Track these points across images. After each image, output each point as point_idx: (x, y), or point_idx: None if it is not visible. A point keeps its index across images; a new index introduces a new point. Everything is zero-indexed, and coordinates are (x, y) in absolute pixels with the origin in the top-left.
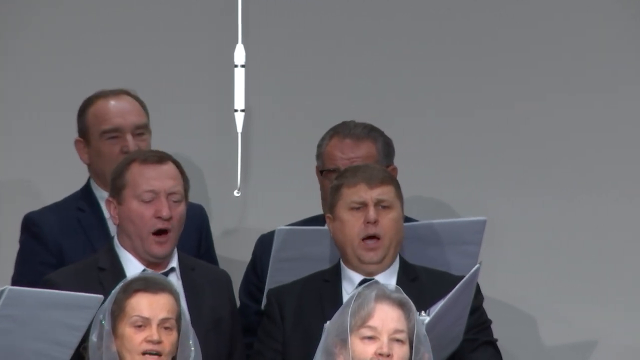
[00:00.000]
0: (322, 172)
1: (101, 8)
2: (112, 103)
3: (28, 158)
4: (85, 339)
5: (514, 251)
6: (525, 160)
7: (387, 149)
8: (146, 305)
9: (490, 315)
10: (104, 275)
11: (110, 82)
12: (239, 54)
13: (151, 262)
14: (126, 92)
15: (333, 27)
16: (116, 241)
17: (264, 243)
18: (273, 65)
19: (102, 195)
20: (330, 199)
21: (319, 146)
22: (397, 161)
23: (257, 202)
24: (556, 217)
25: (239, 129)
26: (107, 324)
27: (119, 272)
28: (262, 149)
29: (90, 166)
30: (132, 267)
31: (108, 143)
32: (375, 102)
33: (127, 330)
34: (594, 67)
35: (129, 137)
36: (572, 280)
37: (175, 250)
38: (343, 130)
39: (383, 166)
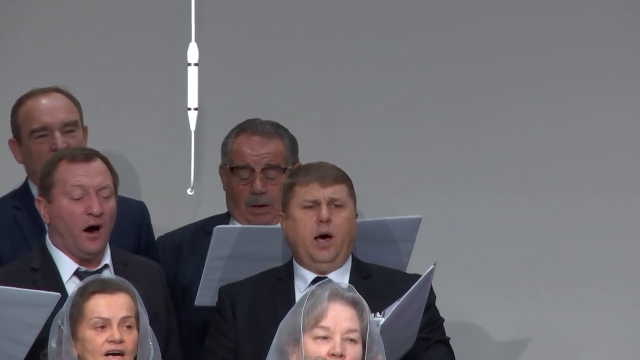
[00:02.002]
0: (232, 169)
1: (53, 6)
2: (42, 102)
3: None
4: (44, 344)
5: (443, 248)
6: (455, 157)
7: (293, 145)
8: (105, 306)
9: None
10: (37, 276)
11: (61, 80)
12: (192, 53)
13: (84, 259)
14: (57, 90)
15: (285, 26)
16: (48, 240)
17: (165, 244)
18: (226, 63)
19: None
20: (282, 197)
21: (225, 144)
22: (338, 158)
23: (210, 200)
24: (485, 214)
25: (192, 127)
26: (66, 329)
27: (52, 272)
28: (215, 148)
29: (24, 165)
30: (65, 266)
31: (37, 142)
32: (325, 99)
33: (87, 332)
34: (525, 64)
35: (57, 135)
36: (501, 276)
37: (108, 246)
38: (250, 127)
39: (291, 164)
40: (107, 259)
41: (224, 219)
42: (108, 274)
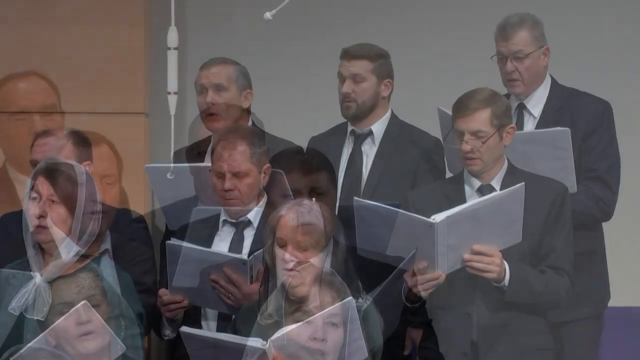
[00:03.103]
0: (199, 153)
1: None
2: (20, 85)
3: None
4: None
5: None
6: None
7: (260, 131)
8: (66, 290)
9: None
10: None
11: (40, 64)
12: (172, 37)
13: (87, 241)
14: (35, 74)
15: (264, 12)
16: (50, 222)
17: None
18: (206, 48)
19: (16, 177)
20: (266, 184)
21: (194, 132)
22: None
23: (189, 183)
24: None
25: (172, 111)
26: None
27: (54, 252)
28: None
29: (1, 149)
30: (66, 247)
31: (16, 125)
32: (301, 86)
33: (55, 320)
34: None
35: (36, 118)
36: None
37: (109, 232)
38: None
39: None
40: (107, 244)
41: (193, 202)
42: (107, 259)
